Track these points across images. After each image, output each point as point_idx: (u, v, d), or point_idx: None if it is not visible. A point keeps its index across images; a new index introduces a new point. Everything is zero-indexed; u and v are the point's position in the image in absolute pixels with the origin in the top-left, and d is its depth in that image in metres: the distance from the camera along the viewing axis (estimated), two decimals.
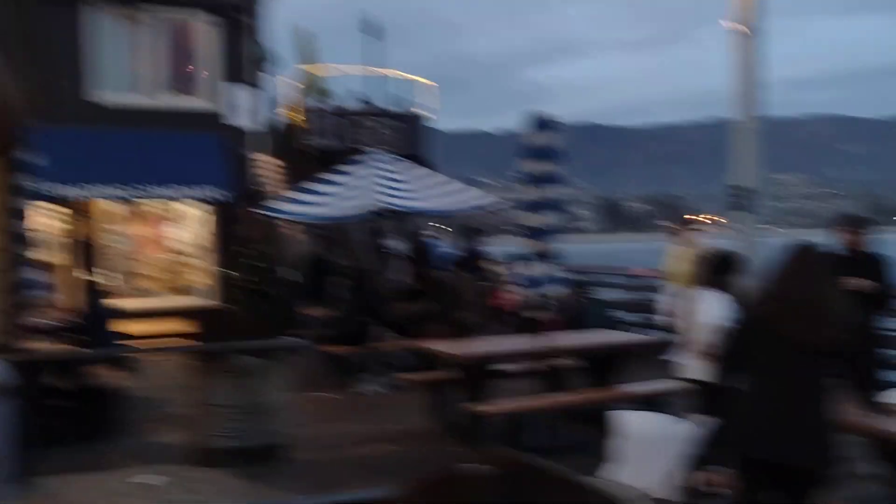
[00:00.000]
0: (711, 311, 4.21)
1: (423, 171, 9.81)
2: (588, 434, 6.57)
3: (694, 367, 4.43)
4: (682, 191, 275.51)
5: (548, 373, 7.09)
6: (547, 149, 6.54)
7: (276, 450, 5.50)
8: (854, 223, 5.40)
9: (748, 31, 9.41)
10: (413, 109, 17.66)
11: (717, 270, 4.59)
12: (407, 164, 9.92)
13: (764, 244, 7.68)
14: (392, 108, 17.46)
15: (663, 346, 6.45)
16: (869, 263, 5.19)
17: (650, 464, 4.01)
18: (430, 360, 6.89)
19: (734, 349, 3.43)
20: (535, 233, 6.59)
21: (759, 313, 3.40)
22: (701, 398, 3.98)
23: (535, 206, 6.57)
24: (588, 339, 7.15)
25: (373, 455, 6.00)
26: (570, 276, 12.57)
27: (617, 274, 13.60)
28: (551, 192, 6.55)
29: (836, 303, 3.33)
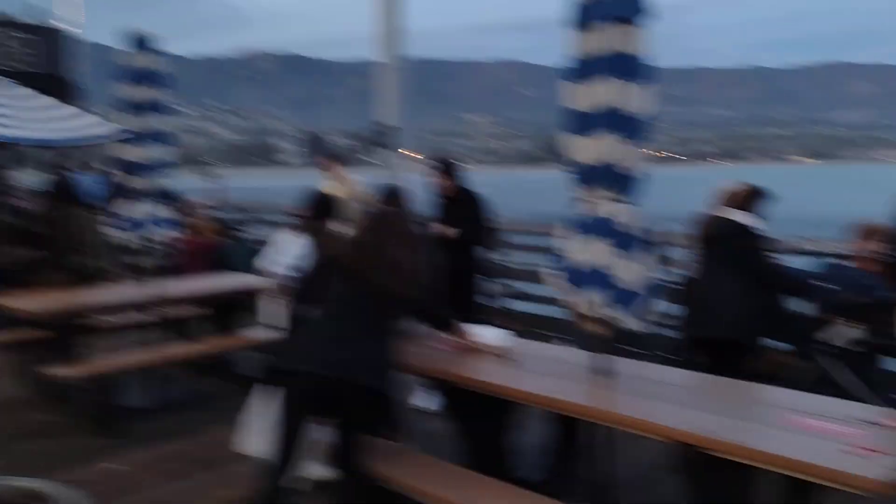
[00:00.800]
0: (288, 252, 3.96)
1: (28, 93, 8.35)
2: (209, 386, 6.14)
3: (269, 309, 4.19)
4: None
5: (162, 323, 6.48)
6: (148, 72, 5.76)
7: None
8: (444, 166, 5.48)
9: None
10: (52, 21, 15.28)
11: (311, 213, 4.34)
12: (11, 86, 8.39)
13: (405, 181, 7.72)
14: (24, 18, 14.94)
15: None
16: (464, 204, 5.31)
17: None
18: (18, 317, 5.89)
19: (309, 286, 3.44)
20: (137, 167, 5.85)
21: (337, 255, 3.36)
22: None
23: (137, 138, 5.81)
24: (208, 284, 6.60)
25: None
26: (223, 214, 11.91)
27: (280, 213, 13.11)
28: (155, 122, 5.82)
29: (409, 254, 3.29)
